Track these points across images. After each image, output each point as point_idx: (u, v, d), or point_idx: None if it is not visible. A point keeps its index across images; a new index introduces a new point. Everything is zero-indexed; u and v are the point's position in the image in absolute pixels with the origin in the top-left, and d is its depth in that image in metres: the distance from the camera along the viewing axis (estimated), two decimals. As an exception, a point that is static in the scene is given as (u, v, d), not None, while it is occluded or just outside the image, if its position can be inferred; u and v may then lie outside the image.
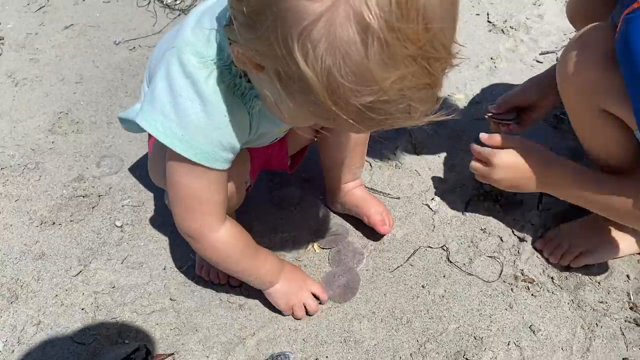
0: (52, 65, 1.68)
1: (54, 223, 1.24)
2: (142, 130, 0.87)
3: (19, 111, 1.52)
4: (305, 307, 1.07)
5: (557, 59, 1.57)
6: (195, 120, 0.84)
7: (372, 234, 1.18)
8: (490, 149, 1.04)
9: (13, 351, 1.02)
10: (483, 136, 1.06)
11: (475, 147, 1.07)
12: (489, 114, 1.19)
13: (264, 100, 0.84)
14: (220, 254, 1.01)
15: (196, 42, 0.83)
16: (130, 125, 1.00)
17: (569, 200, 1.03)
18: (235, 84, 0.86)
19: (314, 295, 1.07)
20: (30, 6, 1.93)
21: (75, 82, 1.61)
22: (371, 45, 0.56)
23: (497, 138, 1.04)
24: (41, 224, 1.24)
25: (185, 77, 0.83)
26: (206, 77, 0.82)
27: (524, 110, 1.20)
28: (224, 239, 0.98)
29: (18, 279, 1.13)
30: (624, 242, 1.11)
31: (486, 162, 1.05)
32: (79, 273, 1.13)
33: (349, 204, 1.20)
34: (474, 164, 1.09)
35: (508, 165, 1.03)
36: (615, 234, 1.11)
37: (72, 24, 1.84)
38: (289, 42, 0.59)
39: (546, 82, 1.17)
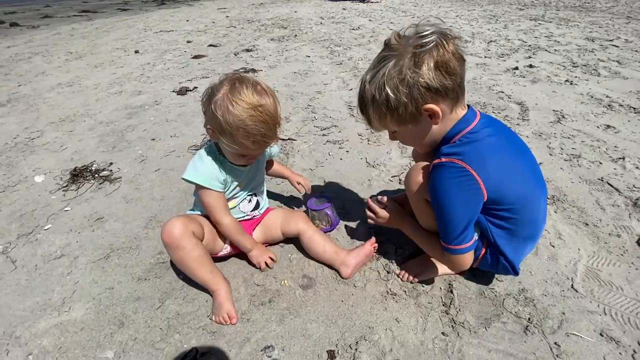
0: (147, 191, 1.66)
1: (146, 279, 1.17)
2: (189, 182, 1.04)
3: (128, 216, 1.48)
4: (266, 263, 1.14)
5: (399, 180, 1.64)
6: (200, 169, 1.03)
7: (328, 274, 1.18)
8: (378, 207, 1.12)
9: (119, 357, 0.93)
10: (382, 198, 1.13)
11: (371, 203, 1.14)
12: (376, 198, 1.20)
13: (224, 151, 1.03)
14: (225, 229, 1.08)
15: (206, 148, 1.08)
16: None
17: (412, 237, 1.08)
18: (218, 157, 1.05)
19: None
20: (137, 159, 1.93)
21: (159, 200, 1.59)
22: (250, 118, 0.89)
23: (384, 198, 1.13)
24: (138, 280, 1.17)
25: (198, 154, 1.06)
26: (206, 154, 1.05)
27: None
28: (227, 222, 1.08)
29: (124, 313, 1.06)
30: (439, 267, 1.11)
31: (375, 213, 1.12)
32: (159, 307, 1.07)
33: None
34: (368, 212, 1.14)
35: (384, 216, 1.11)
36: (434, 263, 1.11)
37: (159, 168, 1.84)
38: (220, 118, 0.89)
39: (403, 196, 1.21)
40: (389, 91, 0.78)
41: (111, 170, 1.82)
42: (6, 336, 1.00)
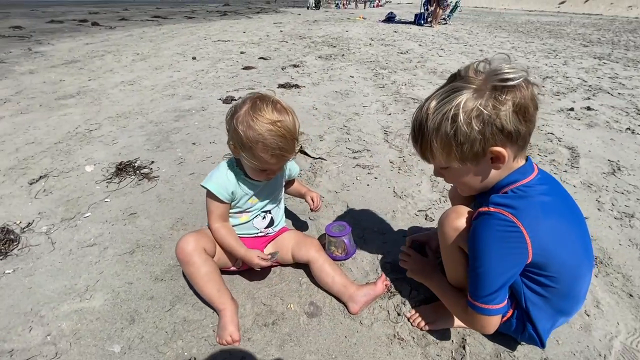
0: (179, 193, 1.74)
1: (162, 279, 1.22)
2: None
3: (158, 215, 1.57)
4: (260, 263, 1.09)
5: (425, 215, 1.58)
6: (214, 176, 1.08)
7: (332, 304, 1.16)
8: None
9: (125, 353, 0.97)
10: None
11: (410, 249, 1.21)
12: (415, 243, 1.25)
13: (245, 167, 1.06)
14: (215, 233, 1.12)
15: (227, 160, 1.13)
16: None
17: (436, 292, 1.05)
18: (234, 169, 1.11)
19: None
20: (175, 161, 2.05)
21: (189, 203, 1.66)
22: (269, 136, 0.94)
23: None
24: (155, 279, 1.23)
25: (218, 165, 1.12)
26: (224, 165, 1.11)
27: (426, 244, 1.24)
28: (217, 227, 1.12)
29: (137, 310, 1.11)
30: (455, 319, 1.04)
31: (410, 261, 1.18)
32: (168, 310, 1.10)
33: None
34: (403, 256, 1.20)
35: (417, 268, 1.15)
36: (448, 313, 1.04)
37: (194, 172, 1.93)
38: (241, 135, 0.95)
39: (433, 233, 1.19)
40: (461, 124, 0.71)
41: (151, 169, 1.95)
42: (33, 314, 1.09)
